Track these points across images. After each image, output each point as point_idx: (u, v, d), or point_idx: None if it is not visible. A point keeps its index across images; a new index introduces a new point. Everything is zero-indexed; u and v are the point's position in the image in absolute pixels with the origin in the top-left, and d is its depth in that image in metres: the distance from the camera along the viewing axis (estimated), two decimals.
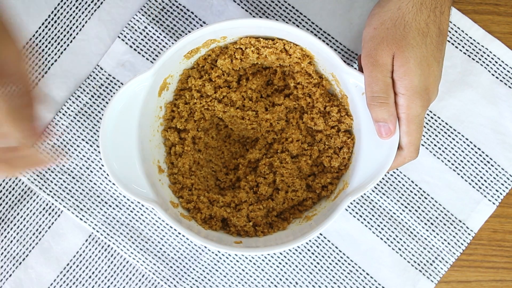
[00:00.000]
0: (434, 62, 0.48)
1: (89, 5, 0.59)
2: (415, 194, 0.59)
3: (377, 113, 0.47)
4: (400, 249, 0.59)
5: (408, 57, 0.46)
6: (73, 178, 0.59)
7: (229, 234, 0.53)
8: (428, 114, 0.59)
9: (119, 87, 0.58)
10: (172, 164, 0.55)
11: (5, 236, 0.59)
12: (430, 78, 0.48)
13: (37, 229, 0.59)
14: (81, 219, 0.58)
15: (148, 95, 0.50)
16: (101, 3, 0.59)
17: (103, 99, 0.59)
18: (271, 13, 0.60)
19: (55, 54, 0.59)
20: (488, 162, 0.59)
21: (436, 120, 0.59)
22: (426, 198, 0.59)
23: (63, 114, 0.59)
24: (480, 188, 0.59)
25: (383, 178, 0.59)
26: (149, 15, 0.59)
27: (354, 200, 0.58)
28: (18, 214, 0.59)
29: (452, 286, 0.59)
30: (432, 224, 0.59)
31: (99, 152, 0.59)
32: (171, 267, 0.59)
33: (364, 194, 0.59)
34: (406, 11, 0.47)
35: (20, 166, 0.36)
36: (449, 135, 0.59)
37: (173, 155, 0.56)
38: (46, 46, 0.59)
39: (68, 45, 0.59)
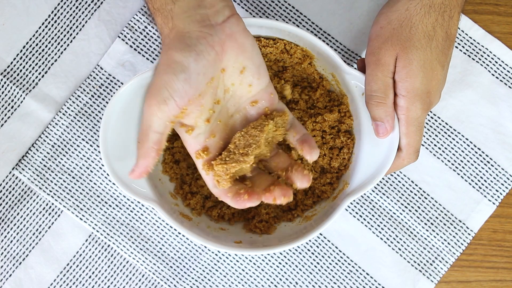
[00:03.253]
0: (438, 66, 0.48)
1: (89, 5, 0.59)
2: (415, 194, 0.59)
3: (374, 112, 0.47)
4: (400, 249, 0.59)
5: (412, 59, 0.46)
6: (73, 178, 0.59)
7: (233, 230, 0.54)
8: (428, 114, 0.59)
9: (119, 87, 0.58)
10: (172, 162, 0.55)
11: (5, 236, 0.59)
12: (433, 81, 0.47)
13: (37, 229, 0.59)
14: (81, 219, 0.58)
15: None
16: (101, 3, 0.59)
17: (103, 99, 0.59)
18: (271, 13, 0.60)
19: (55, 54, 0.59)
20: (488, 162, 0.59)
21: (436, 120, 0.59)
22: (426, 198, 0.59)
23: (63, 114, 0.58)
24: (480, 188, 0.59)
25: (383, 178, 0.59)
26: (149, 15, 0.59)
27: (354, 200, 0.58)
28: (18, 214, 0.59)
29: (452, 286, 0.59)
30: (432, 224, 0.59)
31: (99, 152, 0.59)
32: (171, 267, 0.59)
33: (364, 194, 0.59)
34: (414, 13, 0.47)
35: None
36: (449, 135, 0.59)
37: (173, 153, 0.56)
38: (46, 46, 0.59)
39: (68, 45, 0.59)
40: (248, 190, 0.44)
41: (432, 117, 0.59)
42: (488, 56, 0.59)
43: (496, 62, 0.59)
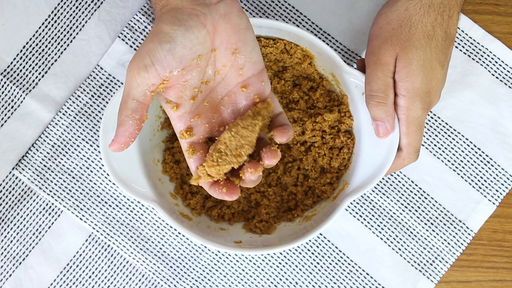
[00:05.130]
0: (438, 65, 0.48)
1: (89, 5, 0.59)
2: (415, 194, 0.59)
3: (374, 112, 0.47)
4: (400, 249, 0.59)
5: (411, 58, 0.46)
6: (73, 178, 0.59)
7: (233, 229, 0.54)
8: (428, 114, 0.59)
9: (119, 87, 0.58)
10: (172, 162, 0.55)
11: (5, 236, 0.59)
12: (433, 81, 0.47)
13: (37, 229, 0.59)
14: (81, 219, 0.58)
15: None
16: (101, 3, 0.59)
17: (103, 99, 0.59)
18: (271, 13, 0.60)
19: (55, 54, 0.59)
20: (488, 162, 0.59)
21: (436, 120, 0.59)
22: (426, 198, 0.59)
23: (63, 114, 0.58)
24: (480, 188, 0.59)
25: (383, 178, 0.59)
26: (149, 15, 0.59)
27: (354, 200, 0.58)
28: (18, 214, 0.59)
29: (452, 286, 0.59)
30: (432, 224, 0.59)
31: (99, 152, 0.59)
32: (171, 267, 0.59)
33: (364, 194, 0.59)
34: (413, 13, 0.47)
35: None
36: (449, 135, 0.59)
37: (173, 153, 0.56)
38: (46, 46, 0.59)
39: (68, 45, 0.59)
40: (227, 184, 0.43)
41: (432, 117, 0.59)
42: (488, 56, 0.59)
43: (496, 62, 0.59)
